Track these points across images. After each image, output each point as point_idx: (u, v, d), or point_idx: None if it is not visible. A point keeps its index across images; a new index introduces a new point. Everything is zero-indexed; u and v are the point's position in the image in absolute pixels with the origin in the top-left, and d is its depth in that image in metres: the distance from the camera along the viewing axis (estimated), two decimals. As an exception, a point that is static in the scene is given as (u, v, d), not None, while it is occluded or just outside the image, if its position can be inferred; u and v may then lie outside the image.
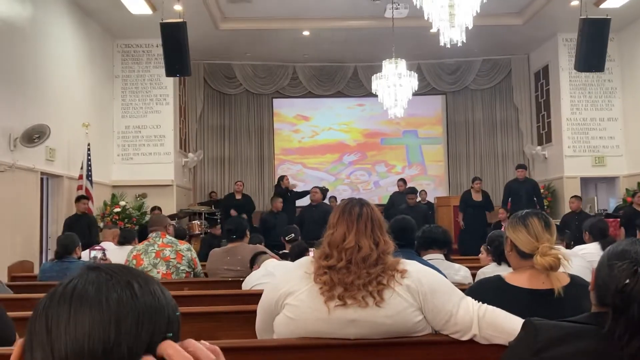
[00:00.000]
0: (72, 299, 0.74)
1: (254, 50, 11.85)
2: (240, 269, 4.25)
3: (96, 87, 9.82)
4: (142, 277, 0.80)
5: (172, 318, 0.80)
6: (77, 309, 0.73)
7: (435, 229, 3.62)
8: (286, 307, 1.82)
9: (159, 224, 4.52)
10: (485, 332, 1.74)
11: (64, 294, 0.76)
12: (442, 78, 12.81)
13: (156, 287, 0.80)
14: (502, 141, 12.92)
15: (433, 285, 1.79)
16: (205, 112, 12.72)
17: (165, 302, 0.80)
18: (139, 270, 0.83)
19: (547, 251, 1.89)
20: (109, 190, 10.07)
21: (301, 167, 13.21)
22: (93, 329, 0.72)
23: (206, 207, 11.02)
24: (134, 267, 3.84)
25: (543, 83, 11.91)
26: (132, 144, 10.57)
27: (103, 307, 0.74)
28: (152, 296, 0.78)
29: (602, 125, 10.91)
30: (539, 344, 1.35)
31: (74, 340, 0.71)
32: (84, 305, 0.74)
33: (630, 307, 1.28)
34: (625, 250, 1.38)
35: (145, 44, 10.66)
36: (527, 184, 9.80)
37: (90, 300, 0.74)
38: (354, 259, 1.79)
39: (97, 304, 0.74)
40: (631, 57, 10.54)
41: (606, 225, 4.84)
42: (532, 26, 10.55)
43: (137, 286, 0.77)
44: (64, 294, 0.76)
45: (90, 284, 0.76)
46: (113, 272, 0.78)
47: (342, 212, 1.89)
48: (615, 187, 10.88)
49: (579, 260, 3.23)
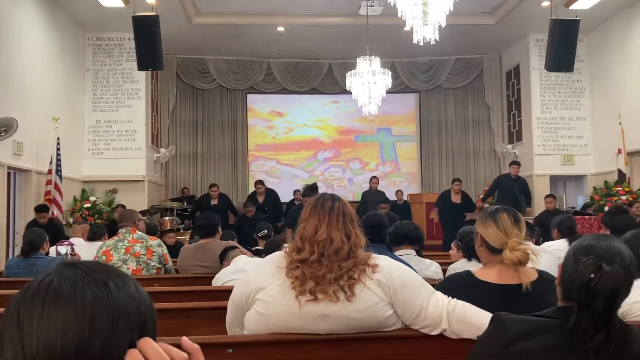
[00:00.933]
0: (47, 296, 0.74)
1: (228, 45, 11.76)
2: (212, 266, 4.22)
3: (66, 81, 9.63)
4: (118, 275, 0.80)
5: (148, 316, 0.80)
6: (51, 305, 0.73)
7: (407, 225, 3.65)
8: (257, 302, 1.81)
9: (129, 220, 4.45)
10: (455, 326, 1.76)
11: (38, 290, 0.75)
12: (416, 76, 12.91)
13: (132, 284, 0.80)
14: (474, 139, 13.07)
15: (403, 280, 1.80)
16: (177, 106, 12.58)
17: (140, 300, 0.80)
18: (115, 268, 0.82)
19: (516, 246, 1.91)
20: (79, 186, 9.90)
21: (275, 163, 13.17)
22: (67, 327, 0.72)
23: (178, 203, 10.91)
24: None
25: (514, 82, 12.09)
26: (103, 138, 10.41)
27: (78, 305, 0.73)
28: (127, 295, 0.78)
29: (571, 125, 11.13)
30: (507, 338, 1.37)
31: (46, 337, 0.71)
32: (59, 303, 0.73)
33: (594, 301, 1.31)
34: (590, 246, 1.40)
35: (117, 37, 10.50)
36: (518, 181, 9.96)
37: (65, 298, 0.73)
38: (326, 252, 1.79)
39: (72, 301, 0.73)
40: (599, 58, 10.76)
41: (574, 222, 4.92)
42: (504, 26, 10.69)
43: (113, 285, 0.77)
44: (38, 290, 0.75)
45: (66, 281, 0.76)
46: (89, 270, 0.78)
47: (314, 206, 1.90)
48: (584, 185, 11.11)
49: (548, 256, 3.28)
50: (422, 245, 3.70)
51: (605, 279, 1.32)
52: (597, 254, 1.37)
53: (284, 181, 12.72)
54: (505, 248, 1.93)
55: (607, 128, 10.29)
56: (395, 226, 3.62)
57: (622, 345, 1.32)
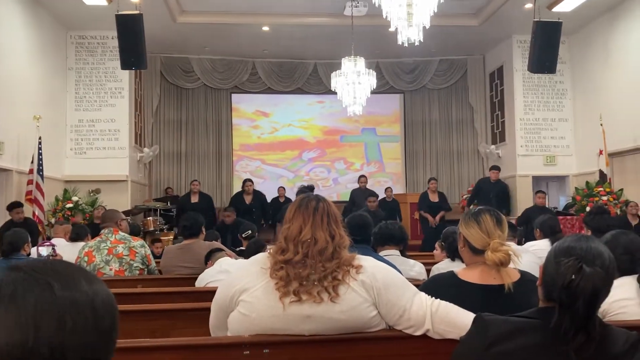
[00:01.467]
0: None
1: (213, 45, 11.71)
2: (195, 266, 4.20)
3: (48, 79, 9.52)
4: (65, 273, 0.78)
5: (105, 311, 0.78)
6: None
7: (392, 226, 3.66)
8: (240, 303, 1.80)
9: (110, 220, 4.41)
10: (438, 327, 1.77)
11: None
12: (400, 77, 12.96)
13: (83, 281, 0.78)
14: (457, 140, 13.16)
15: (387, 281, 1.81)
16: (161, 106, 12.50)
17: (93, 296, 0.78)
18: (67, 266, 0.80)
19: (498, 247, 1.93)
20: (61, 185, 9.80)
21: (260, 163, 13.14)
22: (9, 332, 0.70)
23: (162, 204, 10.84)
24: (86, 264, 3.74)
25: (498, 83, 12.18)
26: (86, 138, 10.31)
27: (20, 308, 0.72)
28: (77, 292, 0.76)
29: (553, 126, 11.24)
30: (489, 339, 1.38)
31: None
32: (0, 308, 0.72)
33: (575, 302, 1.32)
34: (571, 247, 1.42)
35: (100, 36, 10.40)
36: (497, 185, 10.10)
37: (6, 302, 0.72)
38: (311, 252, 1.79)
39: (13, 305, 0.72)
40: (581, 60, 10.88)
41: (556, 223, 4.97)
42: (488, 27, 10.77)
43: (58, 285, 0.76)
44: None
45: (7, 285, 0.74)
46: (33, 272, 0.76)
47: (298, 207, 1.90)
48: (566, 186, 11.24)
49: (530, 256, 3.31)
50: (406, 246, 3.72)
51: (586, 280, 1.33)
52: (577, 256, 1.38)
53: (269, 181, 12.69)
54: (487, 249, 1.94)
55: (589, 129, 10.42)
56: (379, 226, 3.64)
57: (602, 346, 1.34)
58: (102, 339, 0.79)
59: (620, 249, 2.28)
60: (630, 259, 2.26)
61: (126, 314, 2.69)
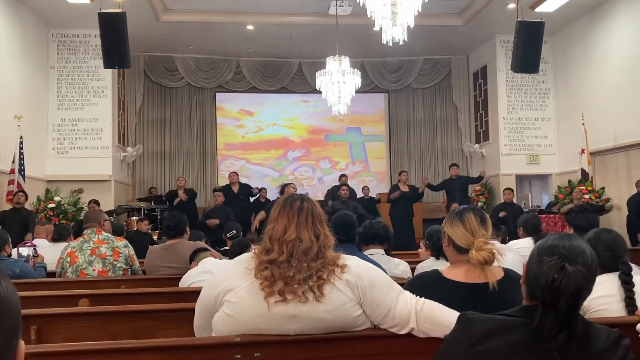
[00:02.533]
0: None
1: (197, 43, 11.65)
2: (180, 266, 4.17)
3: (29, 78, 9.40)
4: None
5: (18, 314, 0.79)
6: None
7: (376, 225, 3.67)
8: (225, 304, 1.79)
9: (94, 220, 4.36)
10: (423, 325, 1.77)
11: None
12: (385, 76, 12.99)
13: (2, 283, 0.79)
14: (442, 139, 13.23)
15: (372, 280, 1.81)
16: (145, 105, 12.40)
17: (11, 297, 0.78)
18: None
19: (482, 246, 1.94)
20: (43, 185, 9.69)
21: (245, 162, 13.10)
22: None
23: (145, 203, 10.76)
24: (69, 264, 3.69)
25: (481, 83, 12.27)
26: (68, 137, 10.20)
27: None
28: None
29: (536, 125, 11.35)
30: (474, 337, 1.39)
31: None
32: None
33: (558, 301, 1.34)
34: (553, 246, 1.43)
35: (83, 34, 10.30)
36: (459, 181, 10.31)
37: None
38: (295, 252, 1.79)
39: None
40: (564, 60, 11.00)
41: (539, 221, 5.02)
42: (472, 27, 10.84)
43: None
44: None
45: None
46: None
47: (282, 206, 1.90)
48: (548, 184, 11.36)
49: (513, 254, 3.34)
50: (391, 245, 3.73)
51: (568, 279, 1.34)
52: (560, 254, 1.39)
53: (254, 180, 12.64)
54: (471, 248, 1.95)
55: (571, 128, 10.53)
56: (364, 226, 3.64)
57: (584, 343, 1.35)
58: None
59: (603, 246, 2.30)
60: (612, 256, 2.28)
61: (110, 315, 2.66)
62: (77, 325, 2.60)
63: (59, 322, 2.58)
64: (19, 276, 4.15)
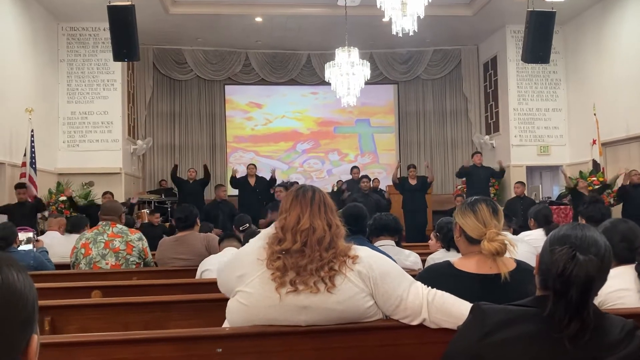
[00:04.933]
0: None
1: (205, 36, 11.65)
2: (191, 258, 4.19)
3: (40, 71, 9.45)
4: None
5: (33, 308, 0.79)
6: None
7: (386, 217, 3.66)
8: (239, 293, 1.81)
9: (114, 213, 4.33)
10: (435, 316, 1.77)
11: None
12: (394, 67, 12.93)
13: (19, 276, 0.79)
14: (451, 130, 13.17)
15: (384, 270, 1.81)
16: (154, 98, 12.44)
17: (27, 290, 0.79)
18: None
19: (494, 237, 1.93)
20: (54, 178, 9.75)
21: (254, 155, 13.11)
22: None
23: (156, 196, 10.81)
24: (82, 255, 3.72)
25: (491, 74, 12.18)
26: (79, 130, 10.26)
27: None
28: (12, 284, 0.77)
29: (547, 116, 11.26)
30: (487, 328, 1.38)
31: None
32: None
33: (569, 290, 1.33)
34: (565, 235, 1.42)
35: (92, 27, 10.33)
36: (485, 170, 10.16)
37: None
38: (309, 241, 1.79)
39: None
40: (575, 50, 10.89)
41: (550, 212, 4.99)
42: (482, 17, 10.76)
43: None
44: None
45: None
46: None
47: (295, 196, 1.90)
48: (559, 176, 11.26)
49: (525, 245, 3.32)
50: (401, 236, 3.73)
51: (579, 268, 1.33)
52: (571, 244, 1.38)
53: (263, 173, 12.59)
54: (483, 239, 1.95)
55: (582, 119, 10.45)
56: (374, 217, 3.64)
57: (597, 334, 1.34)
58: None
59: (618, 236, 2.26)
60: (628, 247, 2.24)
61: (122, 306, 2.68)
62: (90, 316, 2.63)
63: (72, 313, 2.61)
64: (35, 267, 4.20)
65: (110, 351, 1.74)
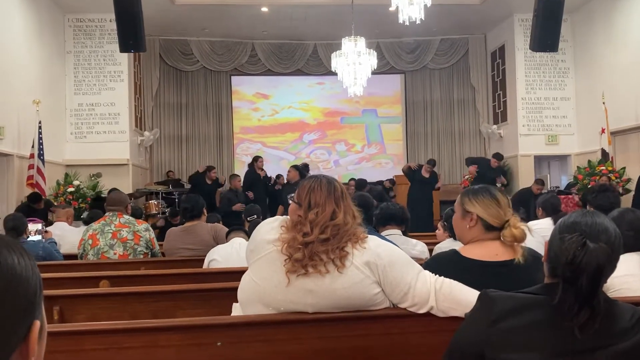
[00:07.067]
0: None
1: (212, 26, 11.62)
2: (198, 248, 4.21)
3: (47, 63, 9.47)
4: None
5: (34, 293, 0.78)
6: None
7: (393, 206, 3.66)
8: (251, 266, 1.85)
9: (121, 204, 4.35)
10: (442, 304, 1.77)
11: None
12: (401, 57, 12.86)
13: (21, 261, 0.78)
14: (459, 120, 13.10)
15: (392, 259, 1.81)
16: (161, 89, 12.44)
17: (29, 275, 0.78)
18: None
19: (517, 223, 1.95)
20: (62, 170, 9.79)
21: (261, 146, 13.11)
22: None
23: (163, 187, 10.84)
24: (90, 246, 3.75)
25: (499, 63, 12.09)
26: (86, 122, 10.29)
27: None
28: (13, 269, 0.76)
29: (555, 105, 11.18)
30: (495, 315, 1.38)
31: None
32: None
33: (579, 278, 1.31)
34: (575, 222, 1.41)
35: (98, 19, 10.32)
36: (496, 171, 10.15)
37: None
38: (338, 234, 1.81)
39: None
40: (583, 38, 10.79)
41: (558, 202, 4.96)
42: (489, 6, 10.66)
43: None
44: None
45: None
46: None
47: (328, 192, 1.88)
48: (567, 165, 11.21)
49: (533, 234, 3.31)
50: (408, 226, 3.72)
51: (589, 256, 1.32)
52: (582, 231, 1.37)
53: (270, 164, 12.65)
54: (506, 225, 1.97)
55: (591, 108, 10.36)
56: (381, 207, 3.64)
57: (607, 321, 1.33)
58: None
59: (626, 225, 2.27)
60: (635, 236, 2.26)
61: (130, 295, 2.70)
62: (98, 305, 2.65)
63: (81, 302, 2.63)
64: (44, 258, 4.23)
65: (119, 340, 1.75)
